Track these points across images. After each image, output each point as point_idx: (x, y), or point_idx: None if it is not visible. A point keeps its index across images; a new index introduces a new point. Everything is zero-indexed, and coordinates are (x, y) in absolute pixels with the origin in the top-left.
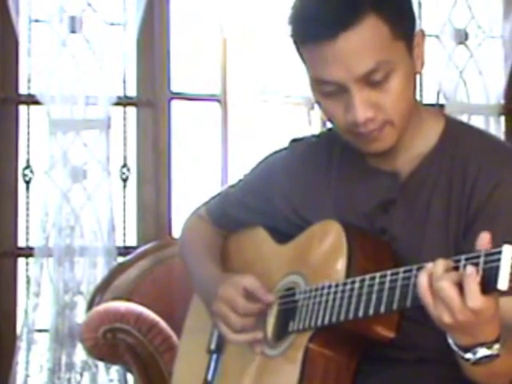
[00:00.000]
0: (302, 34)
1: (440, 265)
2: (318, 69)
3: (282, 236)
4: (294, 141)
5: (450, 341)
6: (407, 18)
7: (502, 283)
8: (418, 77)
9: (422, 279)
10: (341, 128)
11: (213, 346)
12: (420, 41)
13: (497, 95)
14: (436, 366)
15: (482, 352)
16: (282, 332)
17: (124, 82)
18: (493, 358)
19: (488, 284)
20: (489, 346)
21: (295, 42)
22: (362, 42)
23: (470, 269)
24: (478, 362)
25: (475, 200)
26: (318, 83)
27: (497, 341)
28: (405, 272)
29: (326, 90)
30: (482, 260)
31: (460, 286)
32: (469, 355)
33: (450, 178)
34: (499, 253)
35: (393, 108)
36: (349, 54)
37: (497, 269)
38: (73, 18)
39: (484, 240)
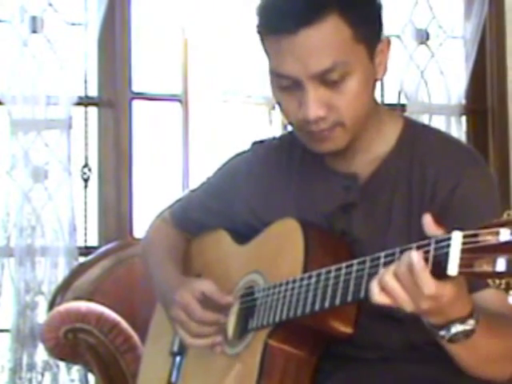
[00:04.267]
0: (265, 25)
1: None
2: (276, 62)
3: (244, 237)
4: (255, 143)
5: (424, 321)
6: (372, 23)
7: (452, 269)
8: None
9: (374, 285)
10: (293, 124)
11: (175, 348)
12: (384, 48)
13: (458, 95)
14: (399, 365)
15: (456, 328)
16: (242, 330)
17: (85, 82)
18: (469, 334)
19: (439, 270)
20: (462, 320)
21: (259, 33)
22: (321, 40)
23: (416, 257)
24: (454, 338)
25: (437, 202)
26: (275, 76)
27: (470, 316)
28: (359, 264)
29: (283, 84)
30: (432, 247)
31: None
32: (443, 332)
33: (409, 181)
34: (449, 239)
35: (346, 109)
36: (307, 51)
37: (447, 255)
38: (34, 18)
39: (428, 223)
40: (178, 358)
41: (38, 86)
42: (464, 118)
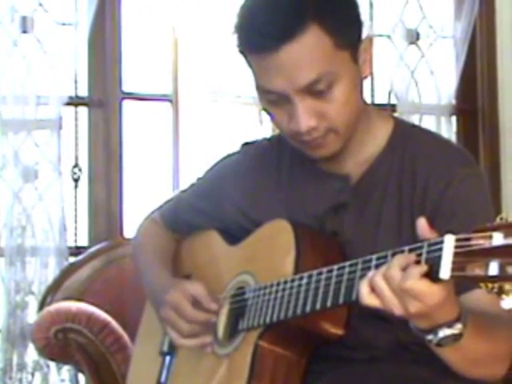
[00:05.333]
0: (246, 44)
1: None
2: (262, 78)
3: (234, 238)
4: (245, 144)
5: (410, 325)
6: (352, 26)
7: (444, 272)
8: (369, 77)
9: (363, 286)
10: (286, 135)
11: (165, 348)
12: (367, 46)
13: (448, 95)
14: (388, 365)
15: (443, 332)
16: (232, 331)
17: (75, 82)
18: (457, 338)
19: (431, 274)
20: (449, 325)
21: (241, 51)
22: (304, 54)
23: (408, 260)
24: (442, 342)
25: (428, 202)
26: (262, 91)
27: (458, 319)
28: (350, 266)
29: (271, 99)
30: (424, 250)
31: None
32: (430, 336)
33: (400, 180)
34: (441, 242)
35: (336, 116)
36: (291, 66)
37: (439, 259)
38: (24, 18)
39: (422, 227)
40: (167, 358)
41: (28, 85)
42: (454, 118)
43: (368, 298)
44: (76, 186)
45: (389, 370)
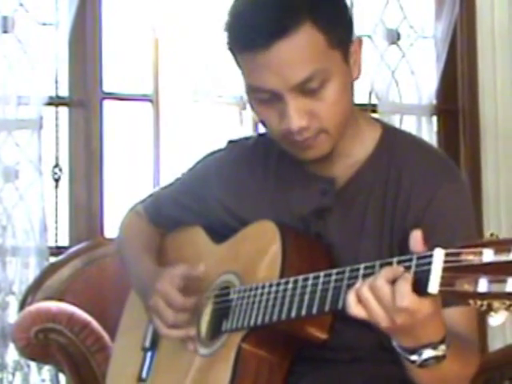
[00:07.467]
0: (237, 41)
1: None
2: (252, 76)
3: (219, 235)
4: (231, 142)
5: (394, 343)
6: (343, 26)
7: (433, 287)
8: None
9: (350, 297)
10: (275, 135)
11: (147, 344)
12: (357, 48)
13: (429, 95)
14: (370, 366)
15: (428, 353)
16: (215, 331)
17: (56, 82)
18: (440, 360)
19: (419, 287)
20: (434, 346)
21: (230, 49)
22: (297, 51)
23: (398, 271)
24: (425, 363)
25: (410, 214)
26: (252, 90)
27: (442, 342)
28: (337, 274)
29: (261, 98)
30: (413, 263)
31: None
32: (414, 357)
33: (384, 188)
34: (430, 256)
35: (328, 116)
36: (283, 63)
37: (428, 272)
38: (5, 18)
39: (416, 239)
40: (149, 354)
41: (9, 85)
42: (435, 118)
43: (355, 309)
44: (57, 186)
45: (370, 370)
